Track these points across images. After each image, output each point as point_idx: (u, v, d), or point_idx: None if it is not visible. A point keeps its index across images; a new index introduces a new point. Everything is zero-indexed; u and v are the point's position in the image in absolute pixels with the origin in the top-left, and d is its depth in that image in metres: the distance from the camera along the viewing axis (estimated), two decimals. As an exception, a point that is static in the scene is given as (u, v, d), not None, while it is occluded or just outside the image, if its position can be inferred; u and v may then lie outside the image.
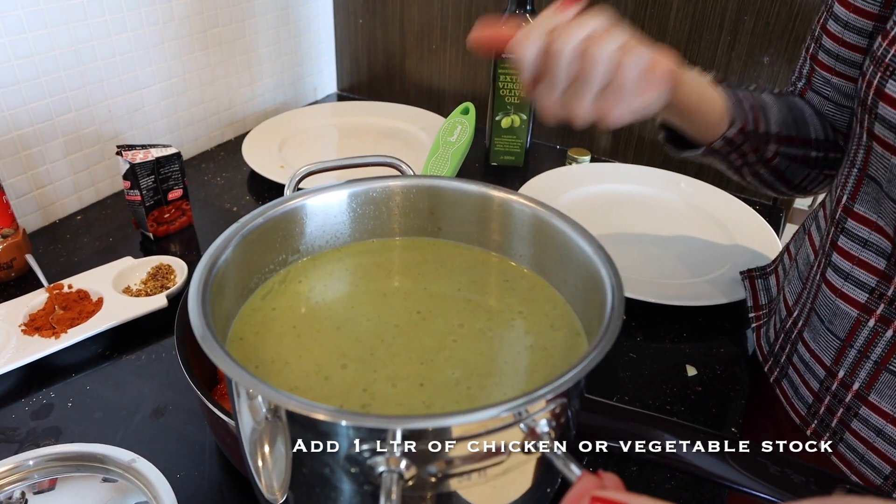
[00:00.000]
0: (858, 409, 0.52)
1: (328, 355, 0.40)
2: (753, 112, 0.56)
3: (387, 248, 0.50)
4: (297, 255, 0.48)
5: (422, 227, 0.51)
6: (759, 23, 0.93)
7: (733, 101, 0.55)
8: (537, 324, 0.44)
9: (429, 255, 0.50)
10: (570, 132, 1.15)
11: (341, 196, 0.48)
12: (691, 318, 0.73)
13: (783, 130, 0.58)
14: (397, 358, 0.40)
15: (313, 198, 0.47)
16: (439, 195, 0.49)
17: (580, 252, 0.43)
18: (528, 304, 0.46)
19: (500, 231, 0.49)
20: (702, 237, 0.87)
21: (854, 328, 0.51)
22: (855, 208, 0.51)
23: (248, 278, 0.44)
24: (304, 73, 1.24)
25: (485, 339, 0.42)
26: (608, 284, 0.38)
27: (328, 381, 0.38)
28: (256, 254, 0.44)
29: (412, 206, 0.50)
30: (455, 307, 0.45)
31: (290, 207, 0.46)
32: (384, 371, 0.39)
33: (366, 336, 0.42)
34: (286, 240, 0.47)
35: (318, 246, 0.49)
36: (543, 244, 0.46)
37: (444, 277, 0.48)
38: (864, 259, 0.50)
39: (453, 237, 0.51)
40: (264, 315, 0.43)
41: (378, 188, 0.49)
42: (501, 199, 0.48)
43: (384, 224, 0.50)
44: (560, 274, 0.46)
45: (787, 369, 0.60)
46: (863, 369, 0.51)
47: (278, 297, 0.45)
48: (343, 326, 0.43)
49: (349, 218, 0.49)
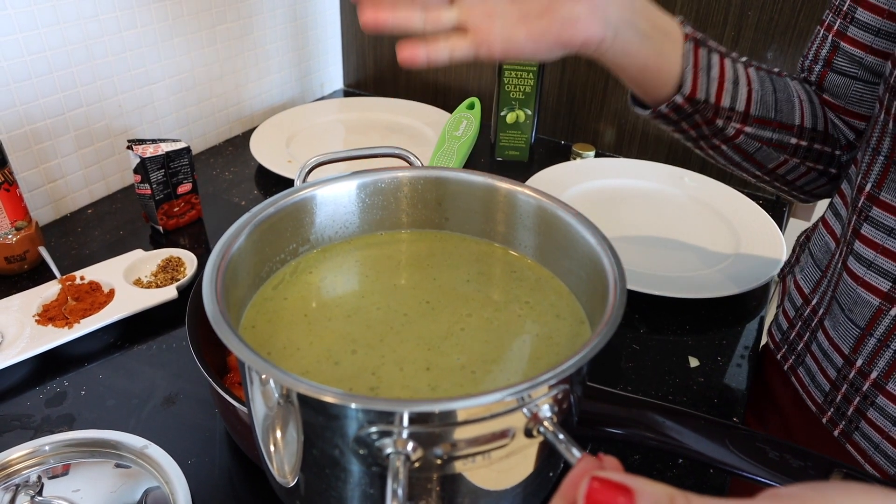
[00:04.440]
0: (875, 397, 0.52)
1: (338, 341, 0.41)
2: (718, 83, 0.53)
3: (395, 240, 0.51)
4: (308, 246, 0.49)
5: (429, 219, 0.52)
6: (762, 17, 0.93)
7: (697, 68, 0.52)
8: (543, 313, 0.45)
9: (436, 247, 0.51)
10: (574, 127, 1.16)
11: (350, 186, 0.49)
12: (694, 310, 0.74)
13: (756, 110, 0.55)
14: (406, 344, 0.41)
15: (323, 188, 0.48)
16: (446, 186, 0.50)
17: (584, 242, 0.43)
18: (533, 294, 0.46)
19: (505, 222, 0.50)
20: (705, 231, 0.88)
21: (875, 317, 0.51)
22: (881, 196, 0.50)
23: (260, 267, 0.45)
24: (310, 69, 1.25)
25: (491, 327, 0.43)
26: (611, 274, 0.39)
27: (338, 365, 0.39)
28: (268, 243, 0.45)
29: (420, 196, 0.51)
30: (463, 297, 0.46)
31: (301, 198, 0.47)
32: (392, 356, 0.40)
33: (375, 323, 0.43)
34: (297, 229, 0.47)
35: (328, 237, 0.50)
36: (548, 235, 0.47)
37: (452, 269, 0.49)
38: (888, 247, 0.50)
39: (460, 229, 0.52)
40: (276, 304, 0.44)
41: (386, 179, 0.50)
42: (507, 190, 0.49)
43: (392, 215, 0.51)
44: (565, 264, 0.47)
45: (804, 357, 0.60)
46: (882, 358, 0.51)
47: (290, 286, 0.46)
48: (353, 315, 0.44)
49: (358, 208, 0.50)
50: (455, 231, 0.52)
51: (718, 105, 0.54)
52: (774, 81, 0.57)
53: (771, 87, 0.56)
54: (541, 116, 1.04)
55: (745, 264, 0.79)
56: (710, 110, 0.54)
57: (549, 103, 1.15)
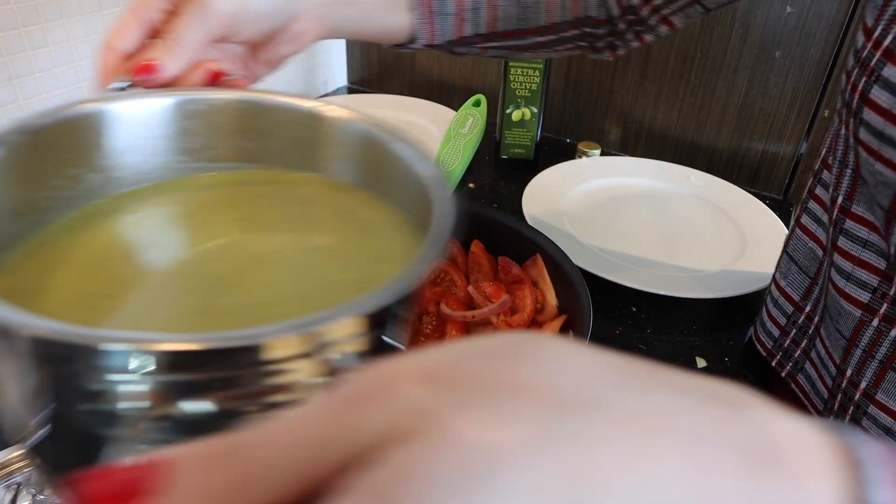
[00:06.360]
0: (867, 407, 0.52)
1: (101, 286, 0.35)
2: (457, 17, 0.56)
3: (211, 184, 0.44)
4: (101, 175, 0.40)
5: (250, 152, 0.44)
6: (771, 16, 0.93)
7: (430, 13, 0.55)
8: (363, 255, 0.39)
9: (259, 188, 0.44)
10: (579, 126, 1.15)
11: (159, 106, 0.41)
12: (700, 310, 0.73)
13: (501, 26, 0.58)
14: (184, 287, 0.35)
15: (122, 103, 0.39)
16: (267, 113, 0.43)
17: (415, 176, 0.38)
18: (356, 234, 0.40)
19: (333, 155, 0.44)
20: (711, 230, 0.87)
21: (858, 328, 0.51)
22: (853, 209, 0.50)
23: (30, 197, 0.37)
24: (314, 65, 1.24)
25: (300, 272, 0.37)
26: (436, 210, 0.33)
27: (93, 310, 0.33)
28: (39, 163, 0.37)
29: (238, 125, 0.43)
30: (276, 238, 0.40)
31: (91, 111, 0.38)
32: (162, 301, 0.34)
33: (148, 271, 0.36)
34: (81, 151, 0.39)
35: (125, 167, 0.41)
36: (378, 167, 0.41)
37: (270, 209, 0.42)
38: (864, 259, 0.49)
39: (284, 163, 0.45)
40: (55, 247, 0.37)
41: (203, 100, 0.42)
42: (333, 118, 0.42)
43: (208, 147, 0.43)
44: (397, 199, 0.41)
45: (803, 364, 0.59)
46: (869, 369, 0.51)
47: (77, 231, 0.38)
48: (124, 260, 0.37)
49: (167, 135, 0.42)
50: (277, 165, 0.45)
51: (461, 36, 0.57)
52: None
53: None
54: (546, 115, 1.04)
55: (752, 264, 0.78)
56: (454, 44, 0.58)
57: (555, 101, 1.15)
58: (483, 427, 0.16)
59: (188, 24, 0.42)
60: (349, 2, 0.52)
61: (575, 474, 0.15)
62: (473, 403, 0.16)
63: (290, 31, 0.49)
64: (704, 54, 0.99)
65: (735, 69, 0.98)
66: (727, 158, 1.05)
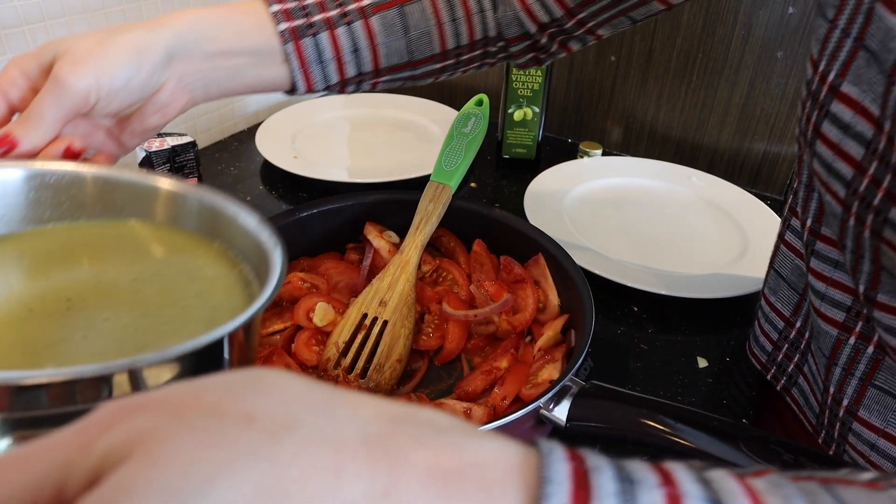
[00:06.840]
0: (851, 424, 0.52)
1: None
2: (336, 61, 0.55)
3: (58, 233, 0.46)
4: None
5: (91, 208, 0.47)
6: (773, 17, 0.93)
7: (304, 65, 0.54)
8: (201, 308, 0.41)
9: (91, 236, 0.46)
10: (581, 126, 1.15)
11: (11, 177, 0.43)
12: (702, 310, 0.73)
13: (386, 62, 0.57)
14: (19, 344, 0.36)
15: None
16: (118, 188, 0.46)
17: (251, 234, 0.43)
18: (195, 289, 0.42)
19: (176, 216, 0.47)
20: (713, 231, 0.87)
21: (836, 346, 0.51)
22: (822, 231, 0.50)
23: None
24: (316, 64, 1.24)
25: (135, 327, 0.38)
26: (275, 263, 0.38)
27: None
28: None
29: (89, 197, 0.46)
30: (117, 294, 0.40)
31: None
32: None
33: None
34: None
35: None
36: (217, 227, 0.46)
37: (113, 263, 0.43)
38: (836, 279, 0.49)
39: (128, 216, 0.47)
40: None
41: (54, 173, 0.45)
42: (175, 192, 0.46)
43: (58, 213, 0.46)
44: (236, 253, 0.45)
45: (796, 378, 0.59)
46: (849, 386, 0.51)
47: None
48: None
49: (16, 203, 0.44)
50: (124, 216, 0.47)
51: (344, 78, 0.57)
52: (407, 17, 0.56)
53: (401, 26, 0.56)
54: (548, 114, 1.04)
55: (753, 264, 0.79)
56: (338, 86, 0.57)
57: (557, 101, 1.15)
58: (198, 448, 0.18)
59: (44, 101, 0.44)
60: (215, 66, 0.51)
61: (269, 485, 0.18)
62: (195, 429, 0.19)
63: (155, 102, 0.50)
64: (706, 55, 1.00)
65: (737, 69, 0.98)
66: (728, 159, 1.05)
